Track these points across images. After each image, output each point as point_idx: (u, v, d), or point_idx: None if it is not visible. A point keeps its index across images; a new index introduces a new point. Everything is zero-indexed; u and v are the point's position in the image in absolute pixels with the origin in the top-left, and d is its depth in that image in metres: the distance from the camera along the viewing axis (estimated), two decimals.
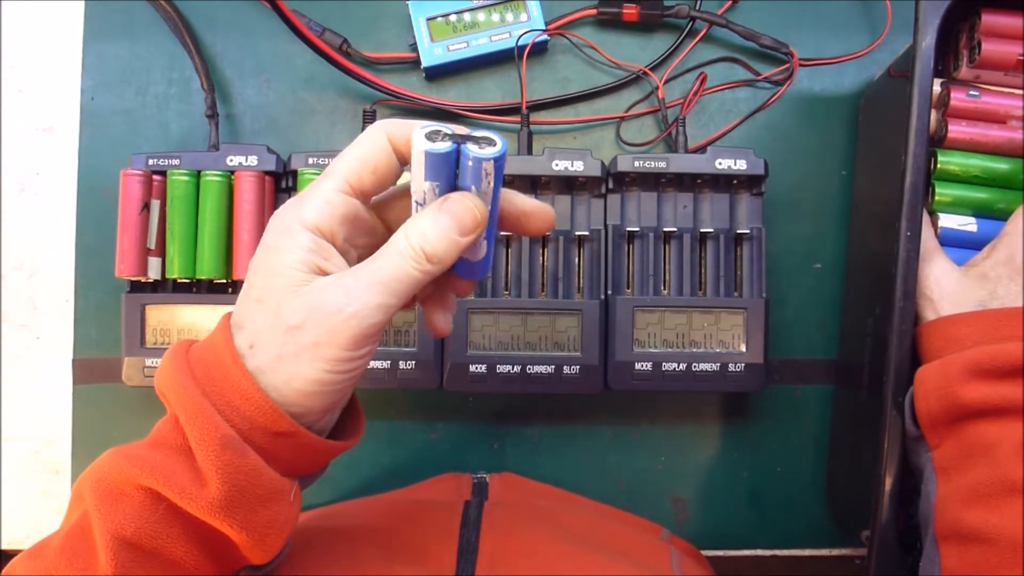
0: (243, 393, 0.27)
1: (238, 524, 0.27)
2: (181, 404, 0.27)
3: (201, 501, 0.27)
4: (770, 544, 0.54)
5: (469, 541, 0.40)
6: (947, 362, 0.37)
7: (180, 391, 0.28)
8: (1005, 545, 0.33)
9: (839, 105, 0.54)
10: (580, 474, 0.54)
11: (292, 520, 0.30)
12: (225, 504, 0.27)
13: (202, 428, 0.27)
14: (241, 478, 0.27)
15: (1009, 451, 0.34)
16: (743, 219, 0.49)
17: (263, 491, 0.28)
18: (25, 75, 0.55)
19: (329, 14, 0.53)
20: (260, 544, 0.29)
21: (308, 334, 0.27)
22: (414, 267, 0.28)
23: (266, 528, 0.28)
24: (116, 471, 0.28)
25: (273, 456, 0.28)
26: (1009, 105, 0.42)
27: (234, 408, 0.27)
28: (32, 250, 0.54)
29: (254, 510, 0.28)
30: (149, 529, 0.27)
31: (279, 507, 0.29)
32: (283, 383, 0.27)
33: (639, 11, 0.52)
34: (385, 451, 0.54)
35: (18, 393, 0.54)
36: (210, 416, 0.27)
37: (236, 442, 0.27)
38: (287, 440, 0.28)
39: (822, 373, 0.54)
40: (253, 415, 0.27)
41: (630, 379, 0.48)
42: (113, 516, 0.27)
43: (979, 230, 0.42)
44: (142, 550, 0.27)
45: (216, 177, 0.47)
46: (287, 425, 0.28)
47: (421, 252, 0.28)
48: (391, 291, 0.28)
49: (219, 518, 0.27)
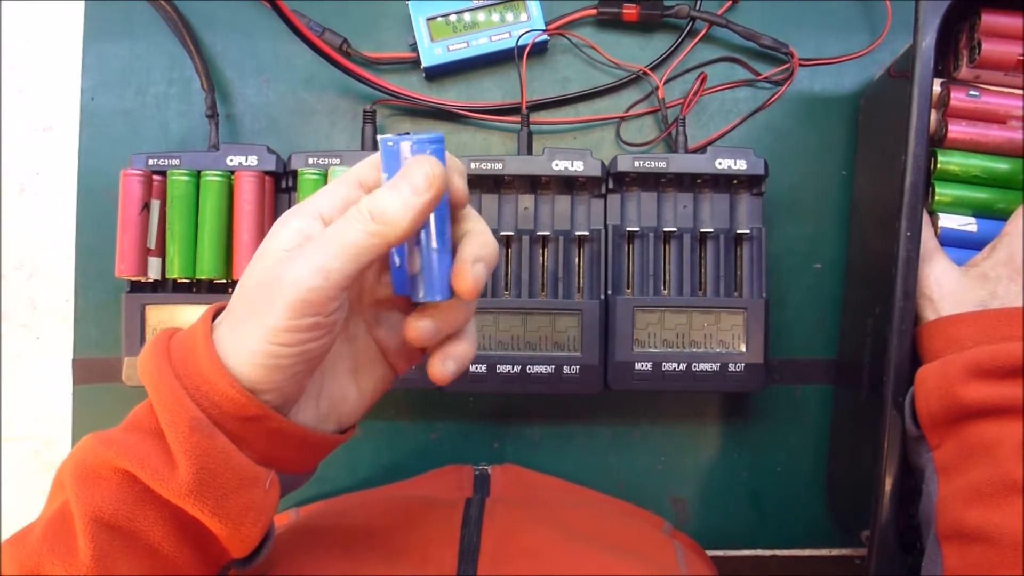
0: (211, 379, 0.27)
1: (209, 509, 0.27)
2: (154, 386, 0.28)
3: (172, 483, 0.27)
4: (770, 544, 0.54)
5: (471, 541, 0.40)
6: (947, 362, 0.37)
7: (154, 374, 0.28)
8: (1007, 544, 0.33)
9: (839, 105, 0.54)
10: (580, 474, 0.54)
11: (268, 510, 0.29)
12: (195, 487, 0.27)
13: (172, 410, 0.27)
14: (210, 461, 0.27)
15: (1010, 451, 0.34)
16: (743, 219, 0.49)
17: (233, 476, 0.28)
18: (25, 75, 0.55)
19: (329, 14, 0.53)
20: (236, 533, 0.28)
21: (255, 303, 0.27)
22: (359, 228, 0.27)
23: (240, 516, 0.28)
24: (93, 454, 0.28)
25: (246, 443, 0.28)
26: (1009, 105, 0.42)
27: (204, 393, 0.27)
28: (32, 250, 0.54)
29: (226, 496, 0.28)
30: (126, 511, 0.27)
31: (252, 495, 0.28)
32: (233, 353, 0.28)
33: (639, 11, 0.52)
34: (385, 451, 0.54)
35: (18, 393, 0.54)
36: (180, 398, 0.27)
37: (205, 424, 0.27)
38: (257, 425, 0.28)
39: (822, 373, 0.54)
40: (220, 400, 0.27)
41: (630, 379, 0.48)
42: (91, 498, 0.27)
43: (979, 230, 0.42)
44: (120, 532, 0.27)
45: (216, 177, 0.47)
46: (255, 408, 0.28)
47: (367, 212, 0.27)
48: (332, 254, 0.27)
49: (190, 501, 0.27)
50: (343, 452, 0.53)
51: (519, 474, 0.52)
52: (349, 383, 0.32)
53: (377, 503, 0.47)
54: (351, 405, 0.32)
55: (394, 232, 0.27)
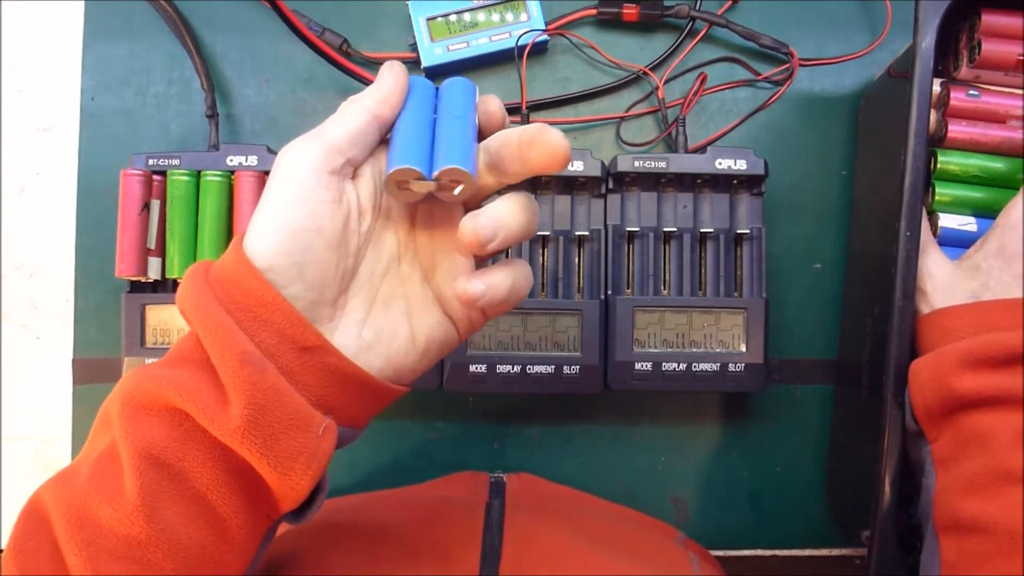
0: (264, 301, 0.27)
1: (258, 449, 0.26)
2: (201, 320, 0.27)
3: (222, 421, 0.26)
4: (770, 544, 0.54)
5: (493, 544, 0.40)
6: (940, 354, 0.37)
7: (199, 306, 0.27)
8: (1002, 534, 0.33)
9: (839, 105, 0.54)
10: (580, 474, 0.54)
11: (321, 458, 0.28)
12: (245, 425, 0.26)
13: (222, 343, 0.26)
14: (260, 396, 0.26)
15: (1004, 440, 0.34)
16: (743, 219, 0.49)
17: (285, 414, 0.27)
18: (25, 75, 0.55)
19: (329, 14, 0.53)
20: (286, 480, 0.27)
21: (268, 183, 0.29)
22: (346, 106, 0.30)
23: (290, 460, 0.27)
24: (142, 391, 0.27)
25: (300, 380, 0.27)
26: (1009, 105, 0.42)
27: (257, 319, 0.27)
28: (32, 250, 0.54)
29: (276, 436, 0.26)
30: (176, 449, 0.26)
31: (305, 438, 0.27)
32: (253, 232, 0.28)
33: (639, 11, 0.52)
34: (385, 451, 0.54)
35: (18, 393, 0.54)
36: (230, 331, 0.26)
37: (256, 357, 0.26)
38: (314, 358, 0.28)
39: (822, 373, 0.54)
40: (278, 321, 0.27)
41: (630, 379, 0.48)
42: (140, 435, 0.26)
43: (979, 230, 0.42)
44: (168, 471, 0.26)
45: (216, 177, 0.47)
46: (313, 338, 0.28)
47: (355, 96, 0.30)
48: (325, 128, 0.30)
49: (239, 439, 0.26)
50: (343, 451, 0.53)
51: (534, 483, 0.52)
52: (402, 321, 0.31)
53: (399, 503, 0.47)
54: (402, 344, 0.31)
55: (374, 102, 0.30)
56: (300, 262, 0.28)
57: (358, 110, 0.30)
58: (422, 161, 0.29)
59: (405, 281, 0.32)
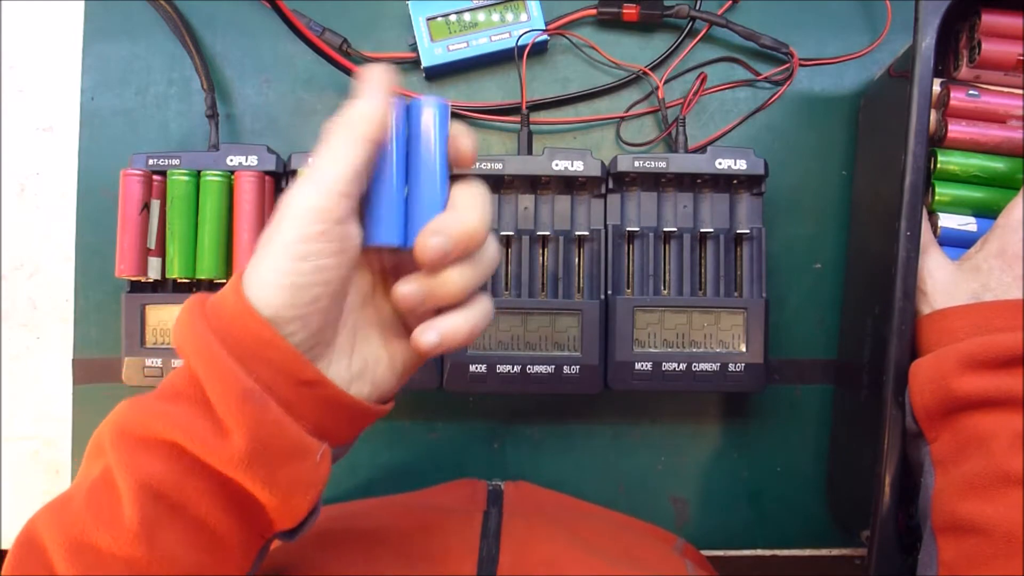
0: (261, 337, 0.27)
1: (261, 480, 0.27)
2: (200, 356, 0.27)
3: (224, 453, 0.26)
4: (770, 544, 0.54)
5: (490, 552, 0.40)
6: (941, 355, 0.37)
7: (199, 344, 0.27)
8: (1000, 536, 0.33)
9: (839, 105, 0.54)
10: (580, 474, 0.54)
11: (319, 483, 0.29)
12: (248, 457, 0.27)
13: (223, 380, 0.27)
14: (263, 430, 0.27)
15: (1004, 442, 0.34)
16: (743, 219, 0.49)
17: (286, 445, 0.27)
18: (25, 75, 0.55)
19: (329, 14, 0.53)
20: (285, 504, 0.28)
21: (270, 234, 0.28)
22: (339, 141, 0.28)
23: (290, 487, 0.28)
24: (136, 424, 0.27)
25: (298, 412, 0.28)
26: (1009, 105, 0.42)
27: (254, 355, 0.27)
28: (32, 250, 0.54)
29: (277, 466, 0.27)
30: (174, 480, 0.27)
31: (304, 466, 0.28)
32: (257, 285, 0.28)
33: (639, 11, 0.52)
34: (385, 451, 0.54)
35: (18, 393, 0.54)
36: (230, 368, 0.27)
37: (257, 393, 0.27)
38: (311, 391, 0.28)
39: (822, 373, 0.54)
40: (277, 359, 0.27)
41: (630, 379, 0.48)
42: (138, 467, 0.27)
43: (979, 230, 0.42)
44: (167, 501, 0.27)
45: (216, 177, 0.47)
46: (312, 373, 0.28)
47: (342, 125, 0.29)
48: (323, 167, 0.28)
49: (242, 471, 0.27)
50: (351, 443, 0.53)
51: (531, 491, 0.52)
52: (381, 349, 0.32)
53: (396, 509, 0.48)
54: (384, 370, 0.32)
55: (369, 126, 0.29)
56: (305, 314, 0.28)
57: (354, 140, 0.28)
58: (398, 230, 0.30)
59: (380, 310, 0.33)
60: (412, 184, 0.30)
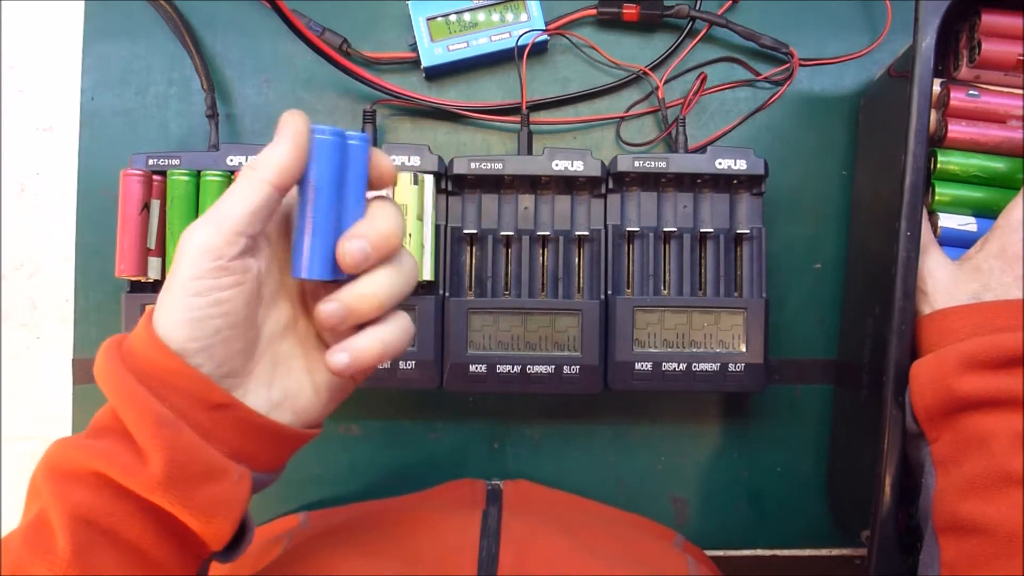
0: (168, 367, 0.28)
1: (179, 502, 0.28)
2: (115, 390, 0.28)
3: (143, 478, 0.27)
4: (770, 544, 0.54)
5: (490, 551, 0.40)
6: (941, 355, 0.37)
7: (113, 378, 0.29)
8: (1002, 536, 0.33)
9: (839, 105, 0.54)
10: (580, 474, 0.54)
11: (239, 503, 0.29)
12: (166, 480, 0.27)
13: (138, 409, 0.28)
14: (179, 454, 0.28)
15: (1005, 442, 0.34)
16: (743, 219, 0.49)
17: (202, 467, 0.28)
18: (25, 75, 0.55)
19: (329, 14, 0.53)
20: (208, 526, 0.29)
21: (171, 272, 0.29)
22: (243, 179, 0.29)
23: (210, 508, 0.29)
24: (64, 458, 0.29)
25: (214, 436, 0.29)
26: (1009, 105, 0.42)
27: (168, 385, 0.28)
28: (32, 250, 0.54)
29: (195, 488, 0.28)
30: (103, 507, 0.28)
31: (222, 487, 0.29)
32: (162, 322, 0.29)
33: (639, 11, 0.52)
34: (385, 451, 0.54)
35: (18, 393, 0.54)
36: (143, 397, 0.28)
37: (171, 419, 0.28)
38: (225, 415, 0.29)
39: (822, 373, 0.54)
40: (189, 388, 0.28)
41: (630, 379, 0.48)
42: (67, 497, 0.28)
43: (979, 230, 0.42)
44: (98, 529, 0.28)
45: (216, 177, 0.47)
46: (221, 396, 0.29)
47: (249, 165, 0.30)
48: (221, 205, 0.29)
49: (160, 494, 0.28)
50: (343, 452, 0.53)
51: (531, 489, 0.52)
52: (304, 378, 0.33)
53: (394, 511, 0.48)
54: (307, 399, 0.33)
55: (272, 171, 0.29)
56: (208, 345, 0.29)
57: (256, 183, 0.29)
58: (327, 266, 0.30)
59: (303, 340, 0.33)
60: (337, 215, 0.31)
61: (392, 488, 0.52)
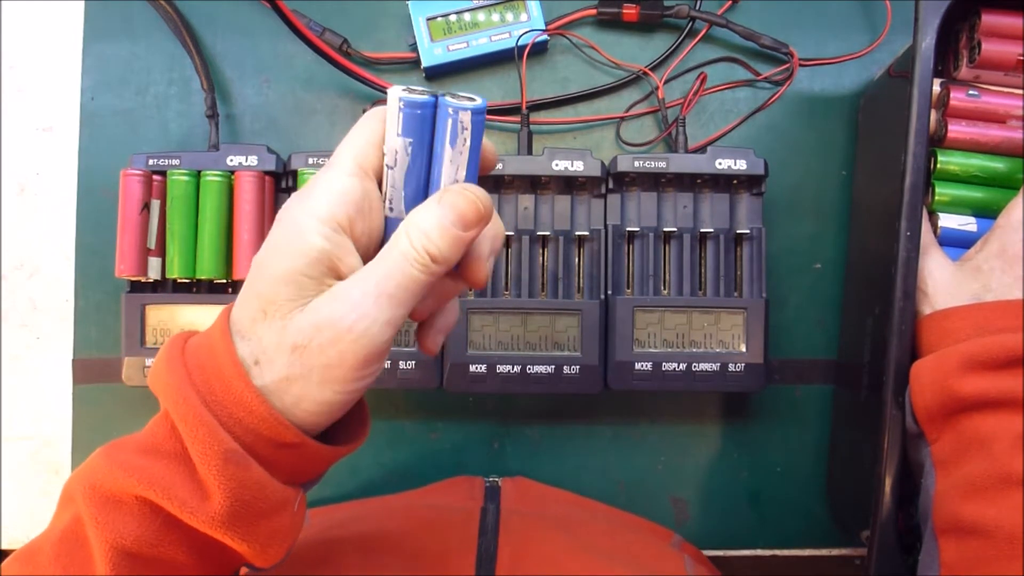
0: (247, 406, 0.26)
1: (240, 536, 0.27)
2: (180, 414, 0.26)
3: (203, 515, 0.26)
4: (770, 544, 0.54)
5: (488, 549, 0.40)
6: (942, 355, 0.37)
7: (179, 399, 0.26)
8: (1002, 538, 0.33)
9: (839, 105, 0.54)
10: (580, 474, 0.54)
11: (296, 529, 0.29)
12: (228, 518, 0.26)
13: (204, 441, 0.26)
14: (245, 492, 0.26)
15: (1006, 444, 0.34)
16: (743, 219, 0.49)
17: (267, 504, 0.27)
18: (25, 75, 0.55)
19: (329, 14, 0.53)
20: (262, 554, 0.28)
21: (317, 356, 0.26)
22: (420, 271, 0.26)
23: (269, 539, 0.28)
24: (111, 479, 0.26)
25: (276, 466, 0.27)
26: (1009, 105, 0.42)
27: (237, 420, 0.26)
28: (32, 250, 0.54)
29: (257, 523, 0.27)
30: (149, 538, 0.26)
31: (283, 518, 0.28)
32: (292, 404, 0.27)
33: (639, 11, 0.52)
34: (385, 451, 0.54)
35: (18, 393, 0.54)
36: (212, 428, 0.26)
37: (239, 455, 0.26)
38: (292, 451, 0.27)
39: (822, 373, 0.54)
40: (258, 427, 0.26)
41: (630, 379, 0.48)
42: (111, 525, 0.26)
43: (979, 230, 0.42)
44: (142, 559, 0.26)
45: (216, 177, 0.47)
46: (293, 436, 0.27)
47: (425, 254, 0.26)
48: (399, 302, 0.26)
49: (221, 531, 0.26)
50: None
51: (529, 487, 0.52)
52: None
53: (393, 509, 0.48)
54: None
55: (447, 267, 0.27)
56: (330, 423, 0.28)
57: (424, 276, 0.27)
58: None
59: None
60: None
61: (392, 488, 0.52)
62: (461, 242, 0.27)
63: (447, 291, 0.31)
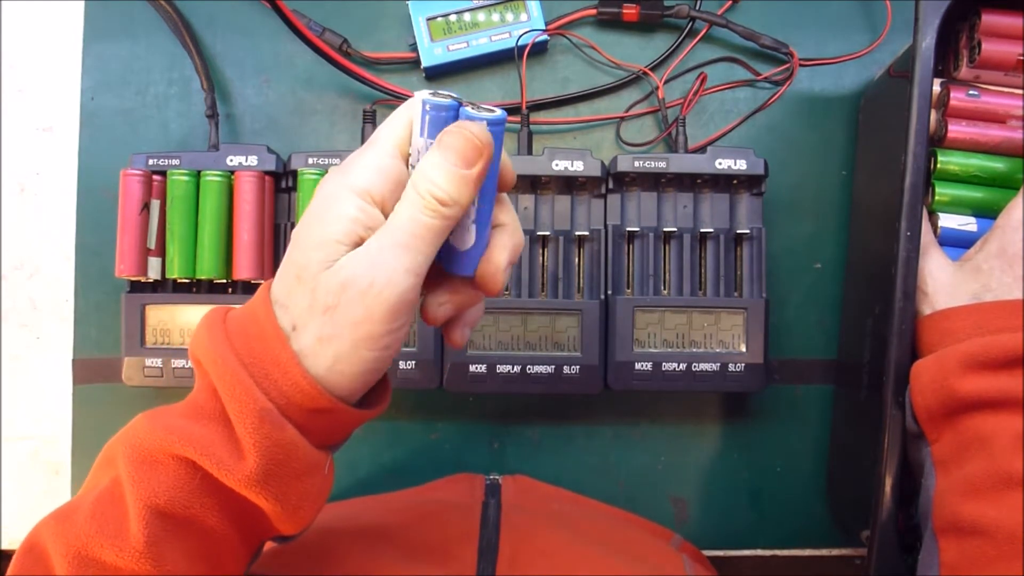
0: (284, 369, 0.27)
1: (273, 496, 0.27)
2: (219, 374, 0.27)
3: (238, 474, 0.27)
4: (770, 544, 0.54)
5: (489, 542, 0.40)
6: (942, 355, 0.37)
7: (218, 361, 0.27)
8: (1003, 538, 0.33)
9: (839, 105, 0.54)
10: (580, 474, 0.54)
11: (325, 492, 0.30)
12: (262, 477, 0.27)
13: (240, 400, 0.27)
14: (279, 452, 0.27)
15: (1006, 443, 0.34)
16: (743, 219, 0.49)
17: (300, 465, 0.28)
18: (25, 75, 0.55)
19: (329, 14, 0.53)
20: (293, 516, 0.29)
21: (346, 313, 0.27)
22: (430, 216, 0.27)
23: (300, 500, 0.28)
24: (152, 439, 0.27)
25: (308, 430, 0.28)
26: (1009, 105, 0.42)
27: (273, 382, 0.27)
28: (32, 250, 0.54)
29: (290, 483, 0.28)
30: (183, 499, 0.27)
31: (314, 480, 0.29)
32: (326, 369, 0.27)
33: (639, 11, 0.52)
34: (385, 451, 0.54)
35: (18, 393, 0.54)
36: (249, 388, 0.27)
37: (274, 415, 0.27)
38: (324, 416, 0.28)
39: (822, 373, 0.54)
40: (292, 392, 0.27)
41: (630, 379, 0.48)
42: (148, 484, 0.27)
43: (979, 230, 0.42)
44: (175, 520, 0.27)
45: (216, 177, 0.47)
46: (327, 403, 0.28)
47: (432, 199, 0.27)
48: (416, 250, 0.27)
49: (255, 491, 0.27)
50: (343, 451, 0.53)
51: (529, 484, 0.52)
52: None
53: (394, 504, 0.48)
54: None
55: (459, 210, 0.28)
56: (365, 387, 0.29)
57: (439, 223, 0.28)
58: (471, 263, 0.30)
59: None
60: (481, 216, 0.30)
61: (392, 488, 0.52)
62: (466, 180, 0.27)
63: (465, 299, 0.31)
